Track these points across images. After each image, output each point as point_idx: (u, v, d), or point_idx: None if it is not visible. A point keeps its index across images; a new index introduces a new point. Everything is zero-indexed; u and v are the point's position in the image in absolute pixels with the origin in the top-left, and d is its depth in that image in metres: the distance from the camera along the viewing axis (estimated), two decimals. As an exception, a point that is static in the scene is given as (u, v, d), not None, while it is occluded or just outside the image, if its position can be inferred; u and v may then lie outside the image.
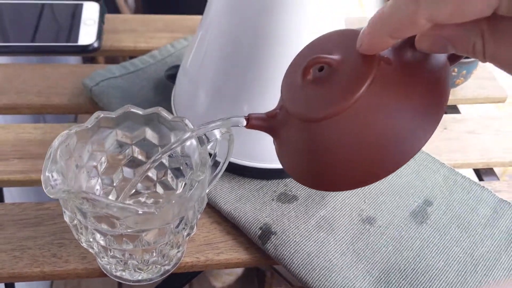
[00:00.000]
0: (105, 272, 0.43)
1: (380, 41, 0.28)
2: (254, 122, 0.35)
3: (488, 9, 0.23)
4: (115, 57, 1.38)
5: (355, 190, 0.50)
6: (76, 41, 0.64)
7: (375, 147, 0.29)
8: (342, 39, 0.32)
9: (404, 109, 0.29)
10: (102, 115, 0.40)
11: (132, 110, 0.40)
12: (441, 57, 0.30)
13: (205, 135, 0.40)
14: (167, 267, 0.43)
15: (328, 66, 0.31)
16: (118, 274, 0.42)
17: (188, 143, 0.40)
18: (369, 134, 0.29)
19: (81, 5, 0.70)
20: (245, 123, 0.35)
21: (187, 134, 0.37)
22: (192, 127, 0.39)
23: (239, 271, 1.06)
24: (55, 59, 0.98)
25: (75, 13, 0.69)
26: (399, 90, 0.29)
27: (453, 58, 0.31)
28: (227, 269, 1.04)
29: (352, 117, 0.29)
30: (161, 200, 0.45)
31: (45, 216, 0.47)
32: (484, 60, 0.26)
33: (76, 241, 0.45)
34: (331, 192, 0.50)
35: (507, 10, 0.23)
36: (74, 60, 1.27)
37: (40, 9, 0.69)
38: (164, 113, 0.40)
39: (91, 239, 0.37)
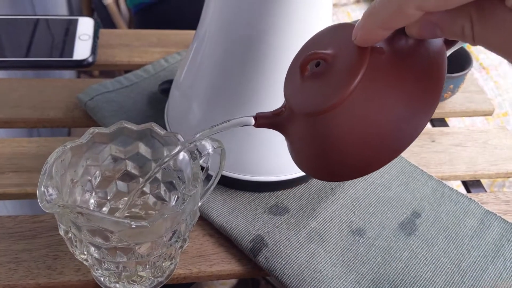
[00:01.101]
0: (99, 284, 0.44)
1: (373, 33, 0.29)
2: (262, 121, 0.36)
3: None
4: (110, 70, 1.40)
5: (344, 201, 0.51)
6: (71, 55, 0.66)
7: (376, 135, 0.30)
8: (338, 33, 0.32)
9: (400, 96, 0.29)
10: (96, 130, 0.41)
11: (126, 125, 0.41)
12: (436, 42, 0.30)
13: (197, 149, 0.41)
14: (160, 279, 0.44)
15: (324, 61, 0.32)
16: (112, 286, 0.43)
17: (181, 156, 0.41)
18: (368, 122, 0.30)
19: (76, 20, 0.71)
20: (253, 122, 0.36)
21: (198, 134, 0.37)
22: (183, 140, 0.40)
23: (233, 281, 1.06)
24: (49, 73, 0.99)
25: (70, 28, 0.70)
26: (393, 78, 0.29)
27: (449, 42, 0.31)
28: (222, 280, 1.04)
29: (350, 108, 0.29)
30: (154, 212, 0.45)
31: (40, 229, 0.47)
32: (473, 43, 0.27)
33: (70, 253, 0.45)
34: (322, 204, 0.51)
35: None
36: (69, 74, 1.28)
37: (36, 24, 0.71)
38: (157, 128, 0.41)
39: (85, 252, 0.38)
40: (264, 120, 0.36)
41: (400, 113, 0.29)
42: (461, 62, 0.63)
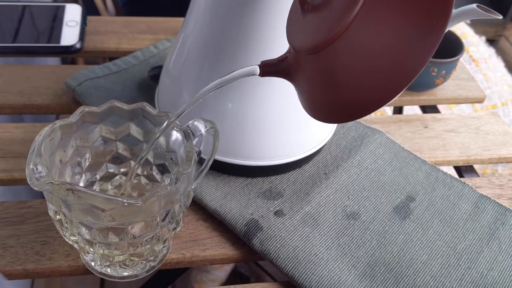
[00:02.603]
0: (89, 269, 0.42)
1: None
2: (267, 69, 0.35)
3: None
4: (95, 60, 1.38)
5: (338, 186, 0.51)
6: (58, 42, 0.64)
7: (386, 62, 0.28)
8: None
9: (408, 16, 0.28)
10: (86, 109, 0.39)
11: (116, 104, 0.40)
12: None
13: (190, 129, 0.40)
14: (152, 263, 0.43)
15: None
16: (102, 270, 0.42)
17: (173, 137, 0.40)
18: (375, 50, 0.28)
19: (63, 7, 0.70)
20: (258, 71, 0.35)
21: (205, 88, 0.36)
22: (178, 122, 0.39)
23: (223, 277, 1.05)
24: (34, 61, 0.97)
25: (58, 14, 0.69)
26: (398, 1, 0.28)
27: None
28: (211, 276, 1.03)
29: (355, 36, 0.28)
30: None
31: (28, 215, 0.46)
32: None
33: (60, 238, 0.44)
34: (316, 189, 0.50)
35: None
36: (54, 62, 1.25)
37: (23, 11, 0.69)
38: (149, 108, 0.40)
39: (76, 233, 0.37)
40: (270, 68, 0.35)
41: (408, 36, 0.28)
42: (453, 49, 0.63)
